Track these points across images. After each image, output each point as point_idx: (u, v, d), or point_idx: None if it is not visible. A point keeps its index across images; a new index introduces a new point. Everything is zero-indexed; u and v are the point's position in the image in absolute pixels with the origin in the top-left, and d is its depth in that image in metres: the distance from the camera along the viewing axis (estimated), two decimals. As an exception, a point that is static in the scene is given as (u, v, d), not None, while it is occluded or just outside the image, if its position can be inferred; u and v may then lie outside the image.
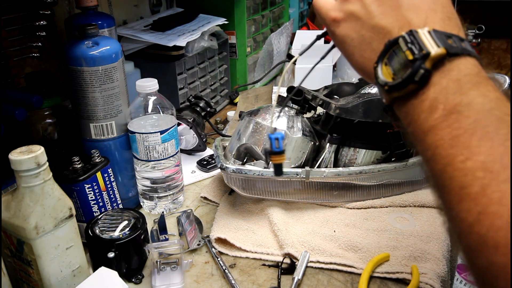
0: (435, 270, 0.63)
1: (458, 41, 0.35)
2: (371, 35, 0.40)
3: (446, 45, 0.34)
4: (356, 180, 0.78)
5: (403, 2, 0.39)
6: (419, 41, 0.35)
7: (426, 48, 0.34)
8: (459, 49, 0.35)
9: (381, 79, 0.38)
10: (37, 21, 0.86)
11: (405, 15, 0.38)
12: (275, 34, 1.39)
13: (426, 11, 0.38)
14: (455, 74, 0.34)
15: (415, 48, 0.35)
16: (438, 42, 0.35)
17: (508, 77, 0.84)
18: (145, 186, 0.80)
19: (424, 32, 0.36)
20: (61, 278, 0.58)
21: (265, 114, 0.79)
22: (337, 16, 0.44)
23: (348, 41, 0.43)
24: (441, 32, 0.36)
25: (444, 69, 0.34)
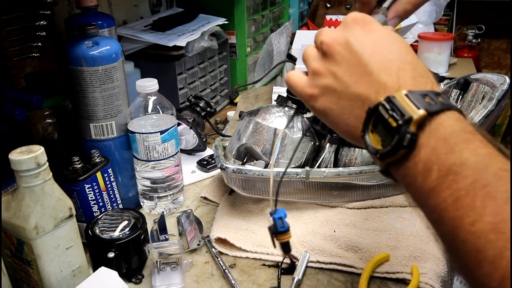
0: (435, 270, 0.63)
1: (435, 97, 0.36)
2: (351, 104, 0.41)
3: (425, 105, 0.35)
4: (356, 180, 0.78)
5: (373, 67, 0.40)
6: (399, 106, 0.36)
7: (407, 113, 0.35)
8: (438, 106, 0.35)
9: (371, 147, 0.38)
10: (37, 21, 0.86)
11: (378, 80, 0.39)
12: (275, 34, 1.39)
13: (396, 71, 0.39)
14: (442, 133, 0.34)
15: (396, 115, 0.35)
16: (417, 104, 0.35)
17: (508, 77, 0.84)
18: (145, 186, 0.80)
19: (401, 96, 0.36)
20: (61, 278, 0.58)
21: (265, 114, 0.79)
22: (313, 92, 0.44)
23: (330, 112, 0.43)
24: (417, 92, 0.36)
25: (430, 129, 0.35)
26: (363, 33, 0.42)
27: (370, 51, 0.40)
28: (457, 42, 2.37)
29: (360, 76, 0.40)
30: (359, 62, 0.40)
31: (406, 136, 0.35)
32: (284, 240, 0.48)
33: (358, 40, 0.41)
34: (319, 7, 1.87)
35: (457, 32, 2.47)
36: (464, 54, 2.29)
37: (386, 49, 0.40)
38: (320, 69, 0.44)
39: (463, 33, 2.46)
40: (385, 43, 0.41)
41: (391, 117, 0.36)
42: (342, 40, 0.42)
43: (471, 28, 2.39)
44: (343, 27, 0.43)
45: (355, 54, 0.41)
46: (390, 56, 0.40)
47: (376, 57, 0.40)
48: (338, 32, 0.43)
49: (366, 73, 0.40)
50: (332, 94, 0.43)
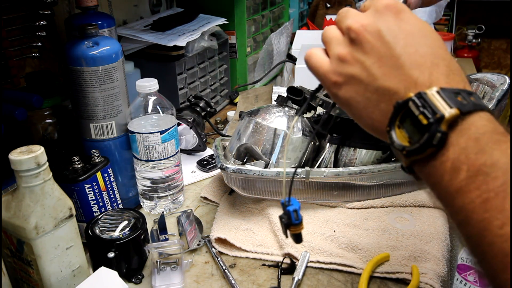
0: (435, 270, 0.63)
1: (467, 97, 0.35)
2: (377, 97, 0.39)
3: (457, 104, 0.34)
4: (356, 180, 0.78)
5: (405, 61, 0.38)
6: (430, 104, 0.34)
7: (439, 111, 0.34)
8: (471, 106, 0.34)
9: (397, 144, 0.37)
10: (37, 21, 0.86)
11: (409, 74, 0.37)
12: (275, 34, 1.39)
13: (429, 67, 0.37)
14: (473, 133, 0.33)
15: (427, 112, 0.34)
16: (449, 102, 0.34)
17: (508, 77, 0.84)
18: (145, 186, 0.80)
19: (433, 93, 0.35)
20: (61, 278, 0.58)
21: (265, 114, 0.79)
22: (337, 80, 0.42)
23: (354, 103, 0.42)
24: (449, 90, 0.35)
25: (461, 129, 0.34)
26: (396, 22, 0.39)
27: (403, 44, 0.38)
28: (457, 42, 2.37)
29: (390, 69, 0.38)
30: (391, 54, 0.38)
31: (437, 135, 0.34)
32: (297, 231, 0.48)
33: (391, 30, 0.39)
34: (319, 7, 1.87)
35: (457, 32, 2.47)
36: (464, 54, 2.29)
37: (420, 42, 0.38)
38: (346, 56, 0.41)
39: (463, 33, 2.46)
40: (419, 35, 0.39)
41: (422, 114, 0.34)
42: (373, 29, 0.39)
43: (471, 28, 2.39)
44: (374, 13, 0.40)
45: (386, 45, 0.39)
46: (424, 50, 0.38)
47: (409, 50, 0.38)
48: (368, 18, 0.40)
49: (397, 66, 0.38)
50: (358, 84, 0.41)
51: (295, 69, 1.27)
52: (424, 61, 0.37)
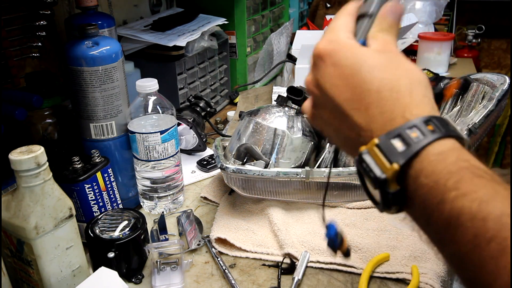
0: (435, 270, 0.63)
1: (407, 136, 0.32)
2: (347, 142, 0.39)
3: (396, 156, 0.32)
4: (356, 180, 0.77)
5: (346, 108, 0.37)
6: (371, 166, 0.33)
7: (380, 173, 0.33)
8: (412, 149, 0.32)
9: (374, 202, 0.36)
10: (37, 21, 0.86)
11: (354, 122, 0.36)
12: (275, 34, 1.39)
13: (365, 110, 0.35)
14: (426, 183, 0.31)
15: (371, 177, 0.33)
16: (389, 156, 0.32)
17: (508, 77, 0.84)
18: (145, 186, 0.80)
19: (372, 149, 0.33)
20: (61, 278, 0.58)
21: (265, 114, 0.79)
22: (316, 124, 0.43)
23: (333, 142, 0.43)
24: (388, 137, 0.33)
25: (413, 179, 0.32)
26: (329, 70, 0.38)
27: (338, 91, 0.37)
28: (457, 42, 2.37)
29: (341, 119, 0.38)
30: (335, 105, 0.37)
31: (388, 196, 0.33)
32: (345, 250, 0.48)
33: (327, 80, 0.38)
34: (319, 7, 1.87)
35: (457, 32, 2.47)
36: (464, 54, 2.29)
37: (352, 83, 0.36)
38: (312, 112, 0.42)
39: (463, 33, 2.46)
40: (351, 76, 0.36)
41: (369, 178, 0.34)
42: (315, 83, 0.40)
43: (471, 28, 2.39)
44: (313, 66, 0.40)
45: (328, 97, 0.38)
46: (357, 91, 0.36)
47: (345, 96, 0.37)
48: (310, 73, 0.41)
49: (344, 115, 0.37)
50: (329, 132, 0.41)
51: (295, 69, 1.27)
52: (359, 104, 0.36)
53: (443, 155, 0.31)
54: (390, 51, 0.37)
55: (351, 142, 0.38)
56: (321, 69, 0.38)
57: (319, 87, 0.39)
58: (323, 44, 0.38)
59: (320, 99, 0.39)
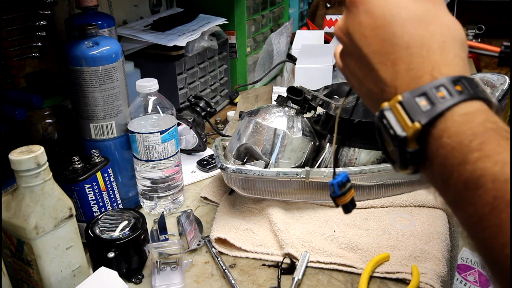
0: (435, 270, 0.63)
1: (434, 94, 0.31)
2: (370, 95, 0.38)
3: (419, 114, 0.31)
4: (356, 180, 0.78)
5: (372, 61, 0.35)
6: (391, 123, 0.32)
7: (400, 130, 0.31)
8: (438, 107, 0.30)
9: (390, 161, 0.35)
10: (37, 21, 0.86)
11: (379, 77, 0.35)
12: (275, 34, 1.39)
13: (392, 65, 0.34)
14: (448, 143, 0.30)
15: (391, 134, 0.32)
16: (411, 114, 0.31)
17: (508, 77, 0.84)
18: (145, 186, 0.80)
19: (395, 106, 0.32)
20: (61, 278, 0.58)
21: (265, 114, 0.79)
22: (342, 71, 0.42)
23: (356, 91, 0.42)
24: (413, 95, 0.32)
25: (434, 139, 0.31)
26: (360, 19, 0.36)
27: (367, 43, 0.35)
28: (457, 42, 2.37)
29: (366, 71, 0.36)
30: (362, 56, 0.36)
31: (406, 156, 0.32)
32: (344, 201, 0.48)
33: (356, 29, 0.36)
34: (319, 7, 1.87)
35: (457, 32, 2.47)
36: (464, 54, 2.29)
37: (382, 36, 0.35)
38: (341, 59, 0.41)
39: (463, 33, 2.46)
40: (382, 27, 0.35)
41: (389, 136, 0.32)
42: (345, 30, 0.38)
43: (471, 28, 2.39)
44: (345, 11, 0.38)
45: (356, 47, 0.37)
46: (386, 45, 0.34)
47: (373, 48, 0.35)
48: (341, 19, 0.39)
49: (370, 68, 0.36)
50: (353, 82, 0.40)
51: (295, 69, 1.27)
52: (386, 59, 0.34)
53: (469, 116, 0.30)
54: (429, 1, 0.35)
55: (374, 96, 0.37)
56: (352, 15, 0.37)
57: (348, 35, 0.37)
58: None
59: (349, 47, 0.38)
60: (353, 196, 0.47)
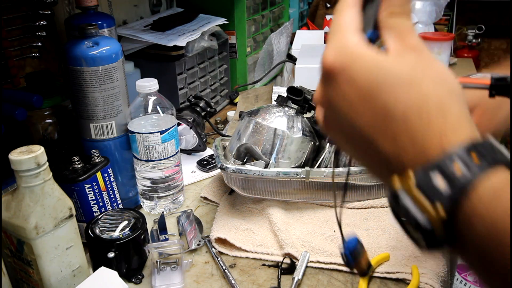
0: (435, 270, 0.63)
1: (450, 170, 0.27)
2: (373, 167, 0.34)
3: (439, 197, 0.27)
4: (356, 180, 0.78)
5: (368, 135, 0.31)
6: (410, 210, 0.28)
7: (423, 219, 0.28)
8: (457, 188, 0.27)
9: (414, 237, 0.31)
10: (37, 21, 0.86)
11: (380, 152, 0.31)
12: (275, 34, 1.39)
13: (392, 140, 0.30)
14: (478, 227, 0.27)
15: (411, 223, 0.28)
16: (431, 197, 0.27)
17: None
18: (145, 186, 0.80)
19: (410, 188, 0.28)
20: (61, 278, 0.58)
21: (265, 114, 0.79)
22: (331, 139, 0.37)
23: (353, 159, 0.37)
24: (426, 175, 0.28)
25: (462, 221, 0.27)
26: (344, 90, 0.32)
27: (358, 116, 0.31)
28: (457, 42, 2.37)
29: (363, 144, 0.32)
30: (354, 129, 0.32)
31: (433, 242, 0.28)
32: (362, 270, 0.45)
33: (342, 103, 0.32)
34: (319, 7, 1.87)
35: (457, 32, 2.47)
36: (464, 54, 2.29)
37: (372, 108, 0.30)
38: (327, 131, 0.36)
39: (463, 33, 2.46)
40: (370, 98, 0.30)
41: (409, 223, 0.29)
42: (326, 103, 0.34)
43: (471, 28, 2.39)
44: (322, 81, 0.34)
45: (346, 120, 0.32)
46: (379, 117, 0.30)
47: (366, 121, 0.31)
48: (320, 89, 0.34)
49: (367, 142, 0.31)
50: (350, 153, 0.36)
51: (295, 69, 1.27)
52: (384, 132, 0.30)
53: (496, 192, 0.26)
54: (411, 50, 0.31)
55: (376, 169, 0.33)
56: (333, 87, 0.32)
57: (332, 107, 0.33)
58: (332, 56, 0.32)
59: (336, 120, 0.34)
60: (368, 259, 0.44)
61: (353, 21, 0.33)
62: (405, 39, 0.31)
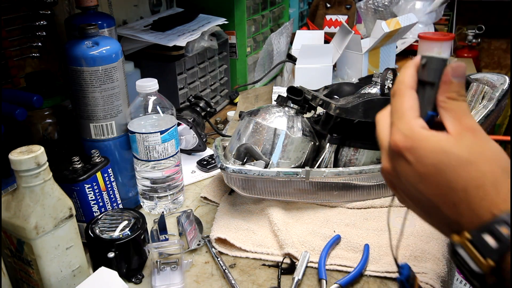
0: (435, 270, 0.63)
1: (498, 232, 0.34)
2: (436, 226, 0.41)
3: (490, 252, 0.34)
4: (356, 180, 0.78)
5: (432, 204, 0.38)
6: (467, 260, 0.35)
7: (477, 268, 0.34)
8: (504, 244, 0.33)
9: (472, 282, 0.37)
10: (37, 21, 0.86)
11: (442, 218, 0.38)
12: (275, 34, 1.39)
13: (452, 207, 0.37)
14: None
15: (468, 271, 0.35)
16: (483, 251, 0.34)
17: (508, 77, 0.84)
18: (145, 186, 0.80)
19: (465, 243, 0.35)
20: (61, 278, 0.58)
21: (265, 114, 0.79)
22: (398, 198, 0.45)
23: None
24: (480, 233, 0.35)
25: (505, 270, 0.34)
26: (413, 167, 0.38)
27: (425, 187, 0.38)
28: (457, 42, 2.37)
29: (429, 209, 0.39)
30: (422, 197, 0.39)
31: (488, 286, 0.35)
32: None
33: (411, 176, 0.39)
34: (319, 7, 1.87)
35: (457, 32, 2.47)
36: (464, 54, 2.29)
37: (437, 182, 0.37)
38: (394, 191, 0.44)
39: (463, 33, 2.46)
40: (435, 175, 0.37)
41: (467, 271, 0.35)
42: (395, 175, 0.41)
43: (471, 28, 2.39)
44: (391, 157, 0.41)
45: (415, 190, 0.39)
46: (443, 189, 0.37)
47: (432, 192, 0.38)
48: (389, 163, 0.41)
49: (432, 207, 0.38)
50: (415, 211, 0.43)
51: (295, 69, 1.27)
52: (446, 201, 0.37)
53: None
54: (468, 132, 0.37)
55: (440, 227, 0.40)
56: (401, 163, 0.39)
57: (400, 177, 0.40)
58: (400, 140, 0.39)
59: (402, 187, 0.41)
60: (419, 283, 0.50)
61: (414, 106, 0.40)
62: (462, 121, 0.38)
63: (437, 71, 0.39)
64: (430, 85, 0.40)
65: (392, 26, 1.25)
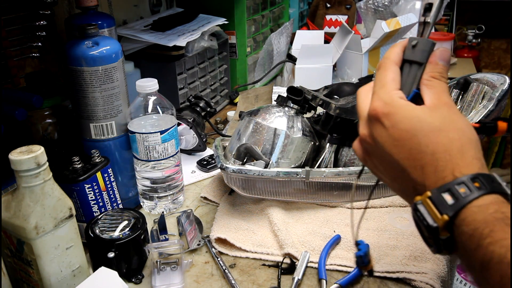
0: (435, 270, 0.63)
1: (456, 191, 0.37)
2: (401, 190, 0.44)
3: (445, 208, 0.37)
4: (356, 180, 0.77)
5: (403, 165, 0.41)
6: (424, 215, 0.38)
7: (432, 221, 0.37)
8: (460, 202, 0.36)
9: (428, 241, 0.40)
10: (37, 21, 0.86)
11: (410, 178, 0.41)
12: (275, 34, 1.39)
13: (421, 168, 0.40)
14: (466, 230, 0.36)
15: (425, 225, 0.38)
16: (439, 207, 0.37)
17: (508, 77, 0.84)
18: (145, 186, 0.80)
19: (426, 201, 0.38)
20: (61, 278, 0.58)
21: (265, 114, 0.79)
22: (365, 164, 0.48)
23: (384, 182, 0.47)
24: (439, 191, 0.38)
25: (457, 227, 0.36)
26: (388, 131, 0.42)
27: (397, 151, 0.41)
28: (457, 42, 2.37)
29: (397, 173, 0.42)
30: (392, 160, 0.42)
31: (440, 242, 0.38)
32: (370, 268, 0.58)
33: (385, 140, 0.42)
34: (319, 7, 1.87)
35: (457, 32, 2.47)
36: (464, 54, 2.29)
37: (409, 145, 0.40)
38: (364, 158, 0.47)
39: (463, 33, 2.46)
40: (408, 139, 0.41)
41: (424, 226, 0.38)
42: (371, 138, 0.44)
43: (471, 28, 2.39)
44: (368, 121, 0.44)
45: (386, 153, 0.42)
46: (414, 152, 0.40)
47: (403, 155, 0.41)
48: (365, 128, 0.45)
49: (401, 171, 0.41)
50: (383, 178, 0.46)
51: (295, 69, 1.27)
52: (415, 162, 0.40)
53: (483, 207, 0.36)
54: (443, 105, 0.41)
55: (406, 191, 0.43)
56: (378, 127, 0.43)
57: (376, 142, 0.43)
58: (379, 106, 0.42)
59: (377, 152, 0.44)
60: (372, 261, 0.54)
61: (396, 79, 0.44)
62: (440, 96, 0.42)
63: (425, 52, 0.43)
64: (417, 65, 0.43)
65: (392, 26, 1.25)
